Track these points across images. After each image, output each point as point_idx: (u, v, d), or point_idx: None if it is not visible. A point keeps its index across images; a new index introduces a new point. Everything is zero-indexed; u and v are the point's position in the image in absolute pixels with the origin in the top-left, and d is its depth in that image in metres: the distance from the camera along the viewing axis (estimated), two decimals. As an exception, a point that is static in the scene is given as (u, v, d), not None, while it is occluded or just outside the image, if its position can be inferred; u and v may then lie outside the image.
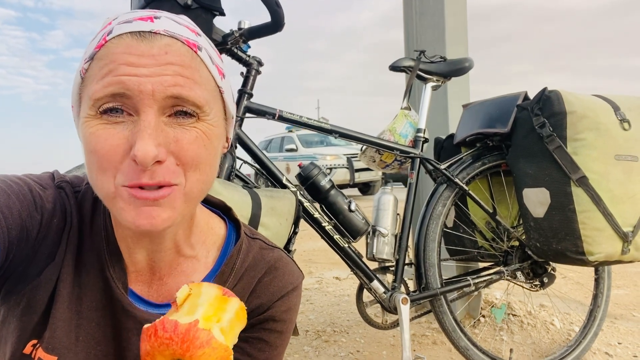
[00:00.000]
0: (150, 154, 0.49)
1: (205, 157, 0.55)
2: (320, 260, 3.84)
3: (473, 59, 1.78)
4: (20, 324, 0.59)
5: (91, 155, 0.52)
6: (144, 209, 0.51)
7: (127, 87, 0.50)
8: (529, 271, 1.74)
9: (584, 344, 1.85)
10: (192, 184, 0.54)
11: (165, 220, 0.53)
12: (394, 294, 1.55)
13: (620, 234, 1.42)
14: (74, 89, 0.56)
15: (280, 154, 10.71)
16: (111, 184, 0.52)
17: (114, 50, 0.51)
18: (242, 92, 1.40)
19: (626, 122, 1.46)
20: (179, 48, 0.53)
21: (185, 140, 0.53)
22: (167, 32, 0.53)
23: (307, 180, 1.47)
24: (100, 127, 0.51)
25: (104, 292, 0.62)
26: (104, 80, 0.50)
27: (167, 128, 0.52)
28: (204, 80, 0.55)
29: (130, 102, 0.51)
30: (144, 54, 0.51)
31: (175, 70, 0.51)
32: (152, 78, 0.50)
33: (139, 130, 0.50)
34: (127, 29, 0.52)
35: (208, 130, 0.55)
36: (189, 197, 0.55)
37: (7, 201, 0.54)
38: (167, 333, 0.45)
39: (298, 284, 0.73)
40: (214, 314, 0.49)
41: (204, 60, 0.56)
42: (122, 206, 0.52)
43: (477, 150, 1.76)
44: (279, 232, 1.17)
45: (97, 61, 0.52)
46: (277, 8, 1.20)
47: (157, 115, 0.51)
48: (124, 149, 0.51)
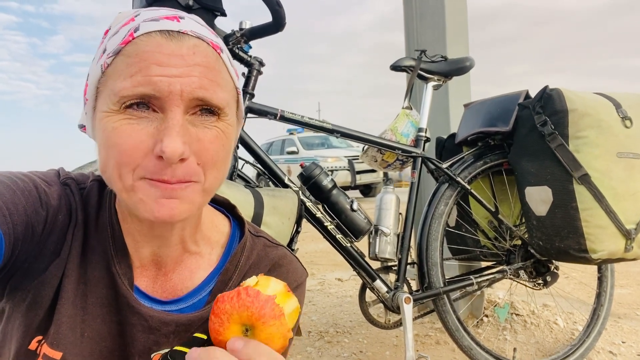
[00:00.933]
0: (178, 150, 0.50)
1: (223, 156, 0.57)
2: (323, 261, 3.84)
3: (474, 59, 1.78)
4: (25, 320, 0.59)
5: (111, 149, 0.52)
6: (164, 200, 0.53)
7: (158, 88, 0.51)
8: (531, 270, 1.74)
9: (588, 343, 1.84)
10: (211, 181, 0.56)
11: (183, 211, 0.54)
12: (397, 294, 1.55)
13: (623, 231, 1.42)
14: (91, 83, 0.56)
15: (281, 157, 10.72)
16: (129, 178, 0.53)
17: (143, 48, 0.52)
18: (244, 92, 1.40)
19: (628, 120, 1.46)
20: (205, 49, 0.55)
21: (207, 140, 0.54)
22: (194, 33, 0.55)
23: (309, 180, 1.47)
24: (124, 122, 0.52)
25: (110, 288, 0.62)
26: (134, 78, 0.51)
27: (190, 126, 0.54)
28: (225, 82, 0.57)
29: (157, 101, 0.52)
30: (173, 53, 0.52)
31: (202, 72, 0.53)
32: (180, 79, 0.51)
33: (166, 128, 0.51)
34: (155, 27, 0.53)
35: (227, 129, 0.57)
36: (206, 193, 0.57)
37: (13, 197, 0.54)
38: (250, 298, 0.50)
39: (302, 281, 0.73)
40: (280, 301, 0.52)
41: (225, 63, 0.58)
42: (141, 197, 0.53)
43: (479, 149, 1.76)
44: (281, 231, 1.17)
45: (123, 57, 0.53)
46: (278, 8, 1.21)
47: (183, 114, 0.53)
48: (147, 146, 0.52)
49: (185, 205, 0.54)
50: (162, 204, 0.53)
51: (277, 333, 0.50)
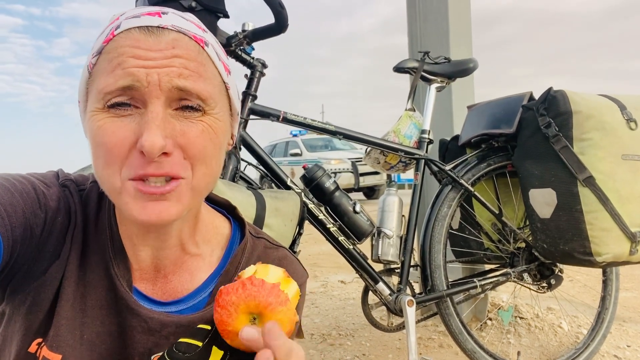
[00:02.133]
0: (157, 144, 0.49)
1: (212, 151, 0.56)
2: (325, 264, 3.83)
3: (477, 60, 1.78)
4: (25, 322, 0.59)
5: (98, 148, 0.52)
6: (150, 204, 0.52)
7: (136, 78, 0.50)
8: (536, 273, 1.73)
9: (592, 346, 1.83)
10: (198, 178, 0.55)
11: (172, 214, 0.53)
12: (400, 296, 1.54)
13: (628, 234, 1.41)
14: (81, 84, 0.56)
15: (284, 159, 10.73)
16: (117, 178, 0.52)
17: (122, 43, 0.52)
18: (247, 94, 1.40)
19: (633, 122, 1.45)
20: (187, 42, 0.54)
21: (192, 133, 0.53)
22: (175, 27, 0.54)
23: (312, 182, 1.47)
24: (108, 120, 0.52)
25: (109, 291, 0.62)
26: (114, 73, 0.51)
27: (174, 121, 0.53)
28: (209, 75, 0.56)
29: (138, 94, 0.51)
30: (151, 47, 0.52)
31: (182, 63, 0.52)
32: (159, 69, 0.51)
33: (146, 122, 0.50)
34: (135, 23, 0.53)
35: (214, 124, 0.56)
36: (195, 191, 0.56)
37: (11, 199, 0.54)
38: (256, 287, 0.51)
39: (303, 282, 0.72)
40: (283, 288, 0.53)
41: (211, 56, 0.57)
42: (128, 201, 0.52)
43: (483, 151, 1.75)
44: (283, 233, 1.17)
45: (105, 55, 0.53)
46: (280, 9, 1.21)
47: (164, 107, 0.52)
48: (130, 142, 0.51)
49: (174, 206, 0.53)
50: (147, 207, 0.52)
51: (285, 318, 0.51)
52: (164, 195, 0.52)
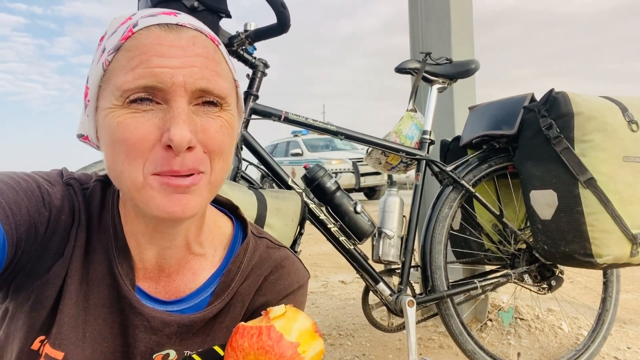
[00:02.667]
0: (186, 137, 0.50)
1: (229, 145, 0.58)
2: (326, 264, 3.83)
3: (479, 61, 1.78)
4: (28, 320, 0.59)
5: (118, 144, 0.52)
6: (176, 196, 0.53)
7: (160, 79, 0.51)
8: (536, 274, 1.73)
9: (593, 348, 1.83)
10: (216, 172, 0.56)
11: (195, 206, 0.54)
12: (400, 297, 1.54)
13: (629, 236, 1.41)
14: (93, 82, 0.56)
15: (285, 159, 10.73)
16: (139, 174, 0.52)
17: (143, 41, 0.53)
18: (248, 93, 1.40)
19: (634, 124, 1.45)
20: (204, 40, 0.56)
21: (212, 129, 0.55)
22: (192, 26, 0.56)
23: (313, 182, 1.47)
24: (129, 116, 0.52)
25: (112, 289, 0.62)
26: (135, 71, 0.51)
27: (195, 117, 0.54)
28: (225, 73, 0.57)
29: (160, 93, 0.52)
30: (173, 44, 0.53)
31: (202, 63, 0.54)
32: (182, 69, 0.52)
33: (173, 117, 0.51)
34: (154, 21, 0.54)
35: (230, 119, 0.57)
36: (213, 185, 0.57)
37: (16, 197, 0.54)
38: (271, 341, 0.47)
39: (304, 282, 0.73)
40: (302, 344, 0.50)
41: (224, 54, 0.59)
42: (153, 194, 0.53)
43: (484, 152, 1.75)
44: (284, 233, 1.17)
45: (124, 52, 0.53)
46: (282, 9, 1.21)
47: (187, 103, 0.53)
48: (155, 137, 0.52)
49: (196, 200, 0.54)
50: (173, 199, 0.53)
51: None
52: (189, 189, 0.53)
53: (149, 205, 0.53)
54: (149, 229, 0.61)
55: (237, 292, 0.67)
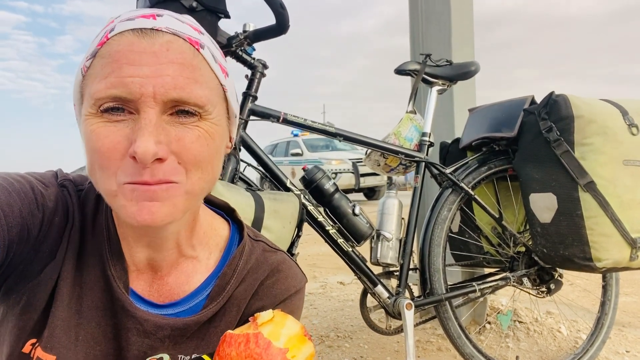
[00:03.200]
0: (150, 150, 0.48)
1: (208, 156, 0.55)
2: (324, 265, 3.83)
3: (479, 63, 1.77)
4: (19, 322, 0.58)
5: (92, 153, 0.51)
6: (145, 203, 0.51)
7: (129, 90, 0.49)
8: (535, 277, 1.72)
9: (592, 351, 1.82)
10: (193, 182, 0.54)
11: (166, 215, 0.52)
12: (398, 299, 1.53)
13: (628, 240, 1.40)
14: (75, 87, 0.55)
15: (285, 159, 10.73)
16: (112, 182, 0.52)
17: (116, 47, 0.51)
18: (247, 94, 1.39)
19: (634, 127, 1.45)
20: (181, 45, 0.53)
21: (187, 139, 0.52)
22: (169, 29, 0.53)
23: (311, 184, 1.47)
24: (101, 124, 0.51)
25: (105, 292, 0.61)
26: (107, 80, 0.50)
27: (169, 127, 0.52)
28: (205, 79, 0.54)
29: (131, 103, 0.51)
30: (145, 50, 0.51)
31: (176, 70, 0.51)
32: (153, 79, 0.50)
33: (139, 128, 0.50)
34: (129, 26, 0.52)
35: (210, 129, 0.55)
36: (190, 195, 0.55)
37: (8, 199, 0.54)
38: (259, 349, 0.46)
39: (301, 287, 0.72)
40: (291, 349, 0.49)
41: (206, 58, 0.55)
42: (124, 203, 0.51)
43: (483, 155, 1.75)
44: (282, 235, 1.16)
45: (99, 59, 0.52)
46: (281, 10, 1.20)
47: (158, 113, 0.51)
48: (124, 147, 0.50)
49: (167, 208, 0.52)
50: (142, 207, 0.51)
51: None
52: (157, 194, 0.51)
53: (121, 212, 0.52)
54: (135, 232, 0.61)
55: (233, 295, 0.67)
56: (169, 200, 0.52)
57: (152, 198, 0.51)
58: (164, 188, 0.51)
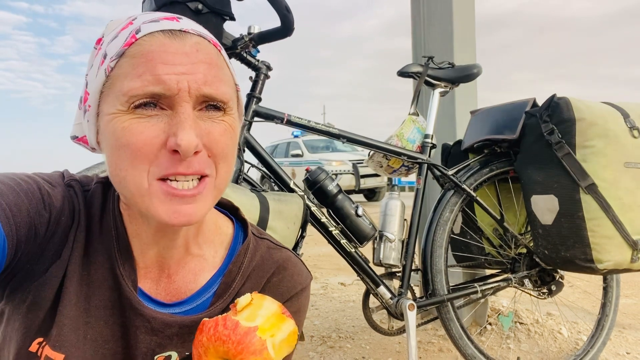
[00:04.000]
0: (193, 142, 0.51)
1: (232, 149, 0.59)
2: (326, 265, 3.83)
3: (481, 66, 1.78)
4: (25, 321, 0.59)
5: (123, 149, 0.53)
6: (182, 207, 0.54)
7: (167, 87, 0.52)
8: (536, 279, 1.73)
9: (592, 353, 1.83)
10: (221, 175, 0.58)
11: (200, 215, 0.56)
12: (401, 300, 1.54)
13: (629, 242, 1.41)
14: (95, 87, 0.56)
15: (286, 159, 10.73)
16: (144, 179, 0.53)
17: (148, 48, 0.53)
18: (251, 96, 1.40)
19: (636, 130, 1.46)
20: (207, 46, 0.57)
21: (216, 133, 0.56)
22: (195, 32, 0.57)
23: (315, 185, 1.47)
24: (134, 121, 0.52)
25: (113, 290, 0.62)
26: (143, 78, 0.52)
27: (199, 121, 0.55)
28: (227, 78, 0.58)
29: (166, 99, 0.53)
30: (178, 51, 0.54)
31: (206, 69, 0.55)
32: (187, 76, 0.53)
33: (179, 122, 0.52)
34: (157, 27, 0.55)
35: (233, 123, 0.58)
36: (217, 189, 0.58)
37: (16, 199, 0.54)
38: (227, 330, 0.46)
39: (307, 284, 0.72)
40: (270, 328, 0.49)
41: (225, 59, 0.60)
42: (156, 204, 0.54)
43: (485, 157, 1.76)
44: (286, 235, 1.17)
45: (128, 59, 0.53)
46: (287, 13, 1.21)
47: (191, 108, 0.54)
48: (160, 141, 0.52)
49: (201, 206, 0.55)
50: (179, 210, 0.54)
51: None
52: (195, 197, 0.54)
53: (150, 212, 0.54)
54: (151, 228, 0.62)
55: (239, 293, 0.67)
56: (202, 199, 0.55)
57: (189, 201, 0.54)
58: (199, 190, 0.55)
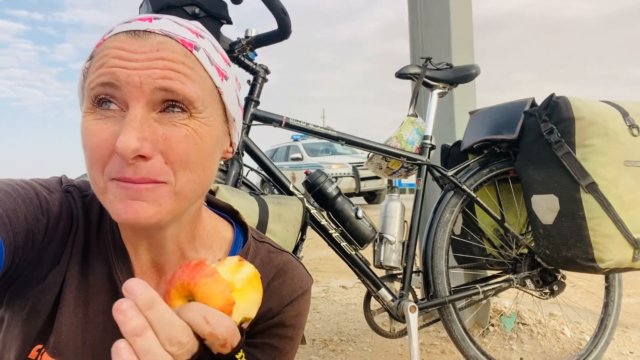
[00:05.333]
0: (130, 146, 0.48)
1: (196, 156, 0.54)
2: (327, 269, 3.82)
3: (479, 66, 1.78)
4: (24, 328, 0.58)
5: (85, 150, 0.53)
6: (130, 202, 0.51)
7: (116, 77, 0.50)
8: (538, 279, 1.72)
9: (595, 353, 1.82)
10: (182, 183, 0.53)
11: (151, 216, 0.52)
12: (402, 302, 1.53)
13: (630, 240, 1.41)
14: (78, 89, 0.57)
15: (285, 163, 10.73)
16: (101, 179, 0.52)
17: (108, 45, 0.53)
18: (249, 99, 1.40)
19: (635, 128, 1.45)
20: (173, 46, 0.53)
21: (174, 138, 0.52)
22: (162, 31, 0.53)
23: (314, 188, 1.47)
24: (93, 122, 0.52)
25: (111, 295, 0.61)
26: (97, 72, 0.52)
27: (157, 125, 0.52)
28: (197, 78, 0.54)
29: (119, 95, 0.51)
30: (136, 50, 0.52)
31: (166, 65, 0.52)
32: (140, 71, 0.50)
33: (124, 124, 0.50)
34: (124, 28, 0.54)
35: (200, 128, 0.54)
36: (179, 197, 0.54)
37: (13, 205, 0.54)
38: (182, 269, 0.49)
39: (307, 288, 0.72)
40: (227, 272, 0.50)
41: (201, 60, 0.55)
42: (111, 199, 0.52)
43: (485, 157, 1.75)
44: (286, 238, 1.17)
45: (95, 57, 0.54)
46: (283, 16, 1.21)
47: (145, 109, 0.51)
48: (111, 144, 0.50)
49: (153, 208, 0.52)
50: (127, 205, 0.51)
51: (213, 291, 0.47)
52: (142, 194, 0.51)
53: (109, 209, 0.53)
54: (133, 233, 0.61)
55: None
56: (155, 200, 0.52)
57: (136, 197, 0.51)
58: (150, 187, 0.51)
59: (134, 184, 0.51)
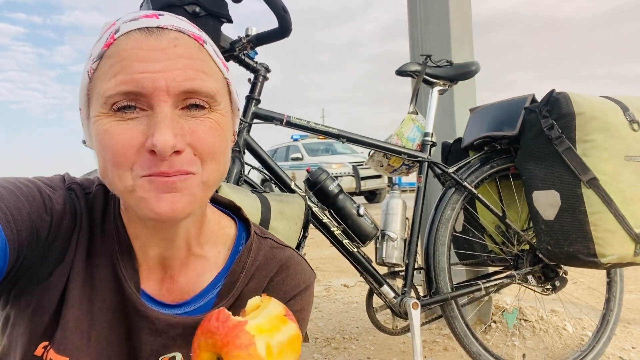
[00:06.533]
0: (169, 142, 0.50)
1: (220, 146, 0.56)
2: (328, 267, 3.83)
3: (479, 63, 1.78)
4: (30, 325, 0.59)
5: (105, 151, 0.52)
6: (164, 195, 0.52)
7: (141, 85, 0.50)
8: (540, 275, 1.72)
9: (598, 348, 1.82)
10: (209, 173, 0.55)
11: (185, 206, 0.53)
12: (404, 299, 1.54)
13: (632, 235, 1.41)
14: (82, 90, 0.56)
15: (286, 163, 10.73)
16: (128, 178, 0.52)
17: (123, 46, 0.52)
18: (250, 98, 1.40)
19: (635, 123, 1.45)
20: (187, 41, 0.55)
21: (201, 131, 0.54)
22: (174, 27, 0.55)
23: (316, 185, 1.47)
24: (114, 123, 0.52)
25: (116, 293, 0.62)
26: (117, 78, 0.51)
27: (182, 120, 0.53)
28: (212, 72, 0.56)
29: (144, 99, 0.51)
30: (153, 48, 0.52)
31: (186, 64, 0.53)
32: (164, 74, 0.51)
33: (156, 122, 0.51)
34: (134, 26, 0.54)
35: (220, 119, 0.56)
36: (206, 185, 0.56)
37: (17, 203, 0.54)
38: (217, 323, 0.46)
39: (310, 283, 0.72)
40: (268, 329, 0.47)
41: (210, 53, 0.57)
42: (143, 195, 0.52)
43: (486, 154, 1.75)
44: (288, 236, 1.17)
45: (106, 59, 0.53)
46: (284, 14, 1.21)
47: (171, 107, 0.52)
48: (139, 142, 0.51)
49: (186, 198, 0.53)
50: (161, 199, 0.52)
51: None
52: (175, 186, 0.52)
53: (140, 207, 0.53)
54: (149, 229, 0.61)
55: (242, 293, 0.67)
56: (187, 190, 0.53)
57: (171, 189, 0.52)
58: (182, 179, 0.52)
59: (169, 177, 0.52)
